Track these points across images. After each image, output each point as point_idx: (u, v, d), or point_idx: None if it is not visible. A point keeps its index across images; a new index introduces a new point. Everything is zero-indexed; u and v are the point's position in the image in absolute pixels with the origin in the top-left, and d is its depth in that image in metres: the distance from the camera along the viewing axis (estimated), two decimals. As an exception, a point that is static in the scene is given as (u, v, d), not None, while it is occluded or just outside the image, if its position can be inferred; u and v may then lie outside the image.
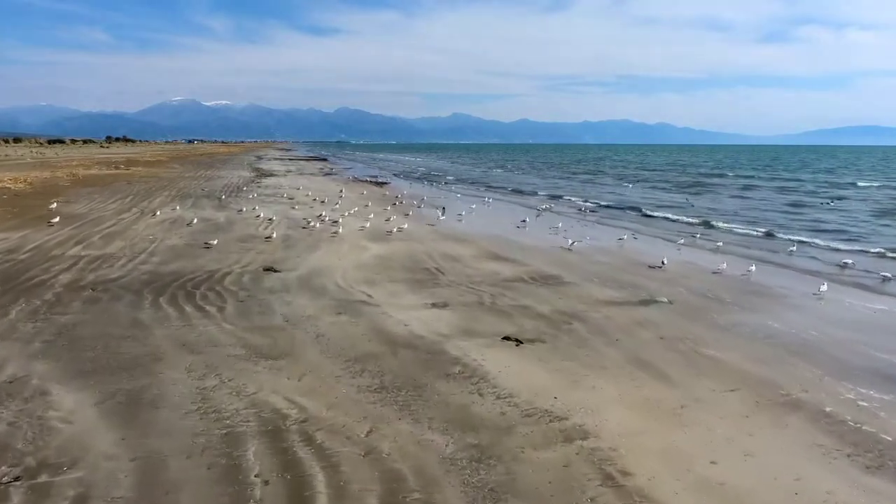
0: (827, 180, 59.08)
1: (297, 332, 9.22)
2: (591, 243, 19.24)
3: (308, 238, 17.95)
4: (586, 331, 9.80)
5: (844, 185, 52.59)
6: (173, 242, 16.58)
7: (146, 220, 20.76)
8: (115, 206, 24.72)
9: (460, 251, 16.76)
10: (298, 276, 12.98)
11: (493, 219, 25.25)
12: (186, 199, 28.18)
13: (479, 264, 15.06)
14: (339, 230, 19.02)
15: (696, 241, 20.46)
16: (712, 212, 30.78)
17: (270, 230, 19.06)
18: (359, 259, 15.11)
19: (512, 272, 14.24)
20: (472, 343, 8.93)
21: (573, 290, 12.73)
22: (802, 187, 49.08)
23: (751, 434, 6.42)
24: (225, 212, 23.86)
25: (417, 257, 15.61)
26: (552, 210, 29.76)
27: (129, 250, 15.26)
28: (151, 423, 6.08)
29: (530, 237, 20.19)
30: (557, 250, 17.70)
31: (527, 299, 11.72)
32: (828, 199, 38.29)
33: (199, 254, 15.08)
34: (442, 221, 23.22)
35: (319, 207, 25.97)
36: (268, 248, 16.26)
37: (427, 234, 19.69)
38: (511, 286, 12.81)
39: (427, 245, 17.62)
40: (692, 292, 12.84)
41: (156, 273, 12.86)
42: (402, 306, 10.88)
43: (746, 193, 42.90)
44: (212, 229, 19.04)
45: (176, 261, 14.17)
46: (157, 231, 18.36)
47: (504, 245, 18.19)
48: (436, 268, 14.44)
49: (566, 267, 15.16)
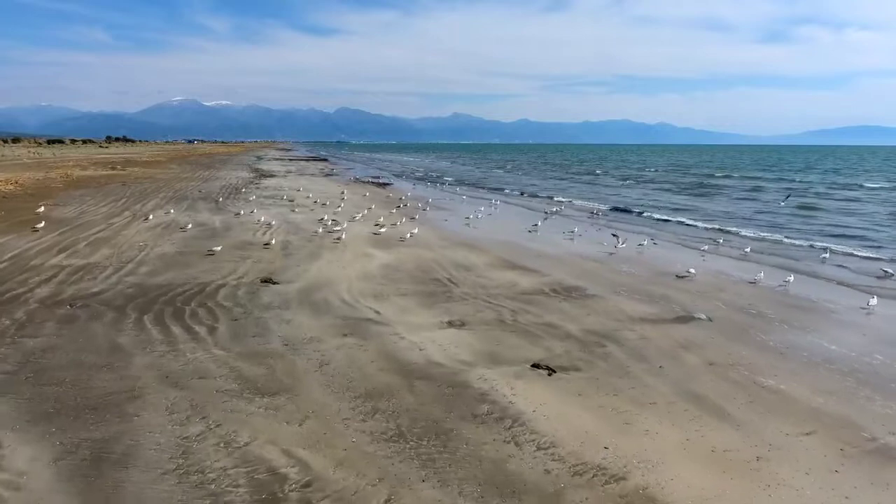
0: (835, 181, 57.81)
1: (297, 358, 8.09)
2: (611, 249, 18.12)
3: (309, 244, 16.83)
4: (624, 355, 8.68)
5: (853, 187, 51.40)
6: (165, 250, 15.44)
7: (138, 224, 19.62)
8: (106, 209, 23.59)
9: (472, 259, 15.64)
10: (299, 290, 11.85)
11: (502, 223, 24.12)
12: (182, 202, 27.06)
13: (494, 274, 13.93)
14: (343, 236, 17.86)
15: (719, 248, 19.32)
16: (726, 216, 29.61)
17: (269, 236, 17.94)
18: (364, 268, 13.98)
19: (531, 283, 13.11)
20: (498, 372, 7.81)
21: (600, 304, 11.61)
22: (811, 189, 47.83)
23: (847, 497, 5.30)
24: (221, 215, 22.74)
25: (427, 266, 14.49)
26: (561, 213, 28.61)
27: (116, 259, 14.13)
28: (118, 490, 4.95)
29: (544, 243, 19.05)
30: (575, 258, 16.57)
31: (551, 316, 10.60)
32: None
33: (191, 263, 13.94)
34: (449, 225, 22.14)
35: (321, 210, 24.85)
36: (266, 256, 15.13)
37: (435, 239, 18.57)
38: (532, 300, 11.68)
39: (436, 252, 16.51)
40: (730, 307, 11.71)
41: (143, 286, 11.73)
42: (415, 325, 9.75)
43: (756, 195, 41.65)
44: (207, 235, 17.91)
45: (166, 271, 13.03)
46: (149, 237, 17.23)
47: (518, 252, 17.07)
48: (448, 278, 13.31)
49: (588, 277, 14.04)
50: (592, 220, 25.98)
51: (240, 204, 26.84)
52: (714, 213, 30.34)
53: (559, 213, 28.61)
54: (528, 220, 24.67)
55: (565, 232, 21.53)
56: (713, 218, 28.31)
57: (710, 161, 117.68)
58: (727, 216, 29.18)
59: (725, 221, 26.90)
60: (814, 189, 47.61)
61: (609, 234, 21.65)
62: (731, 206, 34.90)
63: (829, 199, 40.36)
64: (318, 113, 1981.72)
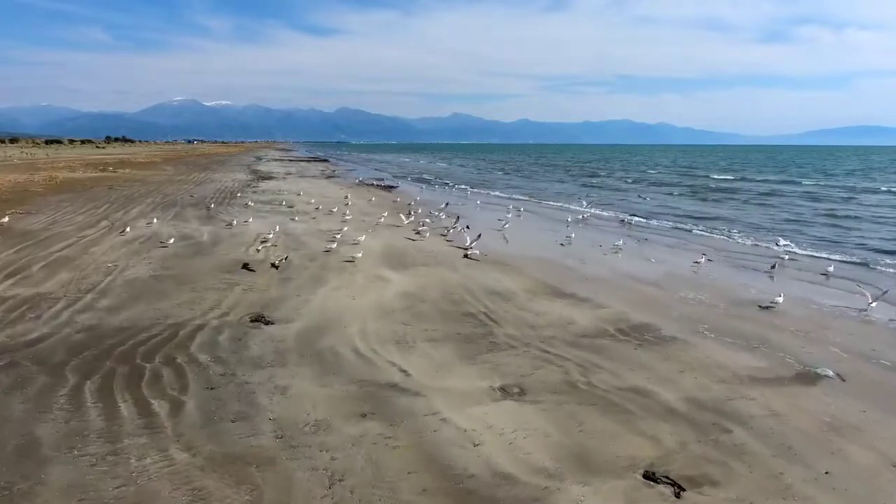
0: (855, 185, 54.53)
1: (296, 466, 5.46)
2: (664, 268, 15.51)
3: (311, 264, 14.20)
4: (764, 449, 6.06)
5: (878, 191, 48.54)
6: (137, 273, 12.80)
7: (112, 238, 16.98)
8: (82, 217, 20.96)
9: (507, 283, 13.02)
10: (299, 333, 9.23)
11: (527, 233, 21.48)
12: (170, 209, 24.43)
13: (540, 305, 11.31)
14: (359, 255, 15.00)
15: (785, 267, 16.64)
16: (760, 226, 26.80)
17: (264, 252, 15.34)
18: (380, 299, 11.35)
19: (588, 320, 10.49)
20: (600, 493, 5.19)
21: (687, 352, 8.99)
22: (833, 195, 44.68)
23: None
24: (211, 225, 20.11)
25: (455, 294, 11.87)
26: (587, 222, 25.95)
27: (73, 287, 11.48)
28: None
29: (584, 260, 16.43)
30: (627, 280, 13.95)
31: (634, 374, 7.99)
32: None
33: (166, 292, 11.30)
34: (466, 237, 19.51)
35: (324, 219, 22.22)
36: (259, 280, 12.50)
37: (457, 256, 15.94)
38: (599, 346, 9.07)
39: (462, 273, 13.90)
40: (854, 355, 9.09)
41: (97, 329, 9.10)
42: (458, 395, 7.13)
43: (781, 202, 38.69)
44: (191, 252, 15.28)
45: (132, 305, 10.39)
46: (122, 255, 14.58)
47: (558, 273, 14.44)
48: (484, 313, 10.69)
49: (654, 308, 11.42)
50: (626, 231, 23.31)
51: (234, 211, 24.23)
52: (749, 223, 27.42)
53: (585, 221, 25.96)
54: (553, 229, 22.08)
55: (602, 245, 18.89)
56: (753, 229, 25.64)
57: (718, 162, 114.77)
58: (761, 227, 26.29)
59: (764, 233, 24.17)
60: (835, 195, 44.59)
61: (652, 247, 19.05)
62: (761, 214, 31.89)
63: (849, 204, 37.69)
64: (318, 113, 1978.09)
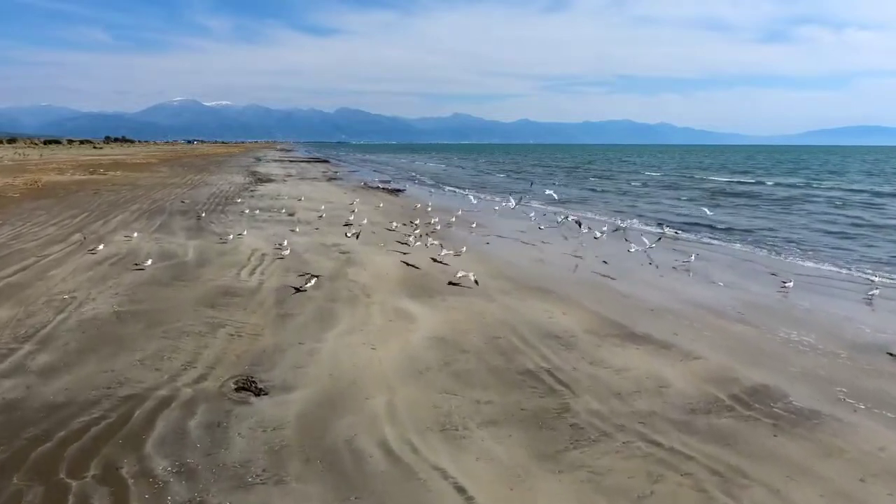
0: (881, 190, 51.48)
1: None
2: (737, 295, 12.89)
3: (317, 293, 11.57)
4: None
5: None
6: (97, 309, 10.16)
7: (80, 257, 14.33)
8: (53, 229, 18.33)
9: (560, 319, 10.40)
10: (303, 413, 6.60)
11: (558, 247, 18.81)
12: (155, 217, 21.81)
13: (613, 355, 8.70)
14: (372, 299, 11.70)
15: (885, 291, 13.94)
16: (807, 242, 24.04)
17: (260, 273, 12.74)
18: (407, 347, 8.73)
19: (685, 379, 7.88)
20: None
21: (845, 438, 6.39)
22: (856, 199, 41.75)
23: None
24: (200, 238, 17.49)
25: (500, 337, 9.26)
26: (621, 233, 23.28)
27: (9, 333, 8.84)
28: None
29: (635, 280, 13.80)
30: (702, 312, 11.31)
31: (796, 487, 5.37)
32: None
33: (127, 340, 8.66)
34: (496, 251, 16.90)
35: (329, 231, 19.59)
36: (250, 320, 9.87)
37: (490, 278, 13.29)
38: (722, 431, 6.46)
39: (500, 303, 11.30)
40: None
41: (16, 410, 6.46)
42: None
43: (813, 209, 35.83)
44: (169, 276, 12.63)
45: (77, 363, 7.76)
46: (84, 281, 11.94)
47: (616, 302, 11.81)
48: (547, 369, 8.08)
49: (761, 359, 8.80)
50: (669, 245, 20.59)
51: (227, 220, 21.62)
52: (793, 237, 24.36)
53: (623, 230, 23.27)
54: (583, 241, 19.39)
55: (650, 262, 16.26)
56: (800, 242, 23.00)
57: (725, 163, 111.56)
58: (806, 241, 23.44)
59: (809, 246, 21.48)
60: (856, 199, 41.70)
61: (706, 264, 16.40)
62: (799, 225, 28.86)
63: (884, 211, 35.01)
64: (318, 113, 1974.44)
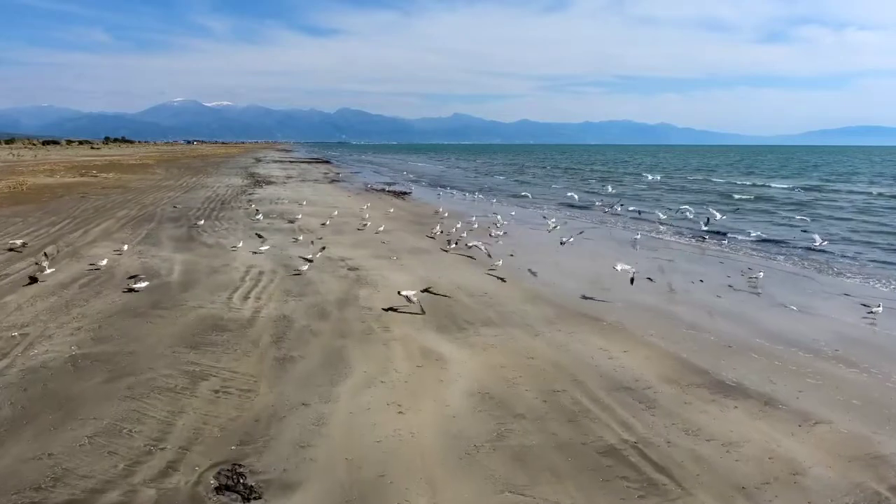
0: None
1: None
2: (821, 325, 10.86)
3: (324, 325, 9.55)
4: None
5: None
6: (49, 352, 8.13)
7: (43, 278, 12.31)
8: (25, 240, 16.32)
9: (627, 363, 8.40)
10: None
11: (593, 262, 16.73)
12: (143, 226, 19.81)
13: (710, 418, 6.69)
14: (391, 333, 9.92)
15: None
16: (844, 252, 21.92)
17: (255, 299, 10.73)
18: (444, 411, 6.72)
19: (817, 458, 5.90)
20: None
21: None
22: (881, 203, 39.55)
23: None
24: (189, 252, 15.49)
25: (561, 391, 7.26)
26: (663, 244, 21.27)
27: (-73, 390, 6.86)
28: None
29: (697, 306, 11.76)
30: (794, 351, 9.28)
31: None
32: None
33: (78, 401, 6.64)
34: (524, 265, 14.85)
35: (335, 241, 17.57)
36: (241, 367, 7.85)
37: (528, 304, 11.27)
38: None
39: (546, 338, 9.30)
40: None
41: None
42: None
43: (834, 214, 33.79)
44: (147, 303, 10.61)
45: (4, 442, 5.76)
46: (42, 312, 9.91)
47: (689, 338, 9.76)
48: (633, 443, 6.10)
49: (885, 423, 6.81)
50: (721, 259, 18.37)
51: (222, 228, 19.63)
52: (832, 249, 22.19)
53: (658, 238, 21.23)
54: (619, 253, 17.32)
55: (704, 281, 14.22)
56: (853, 258, 20.95)
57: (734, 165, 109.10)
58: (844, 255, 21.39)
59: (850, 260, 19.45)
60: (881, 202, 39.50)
61: (768, 284, 14.34)
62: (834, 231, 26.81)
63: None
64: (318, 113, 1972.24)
